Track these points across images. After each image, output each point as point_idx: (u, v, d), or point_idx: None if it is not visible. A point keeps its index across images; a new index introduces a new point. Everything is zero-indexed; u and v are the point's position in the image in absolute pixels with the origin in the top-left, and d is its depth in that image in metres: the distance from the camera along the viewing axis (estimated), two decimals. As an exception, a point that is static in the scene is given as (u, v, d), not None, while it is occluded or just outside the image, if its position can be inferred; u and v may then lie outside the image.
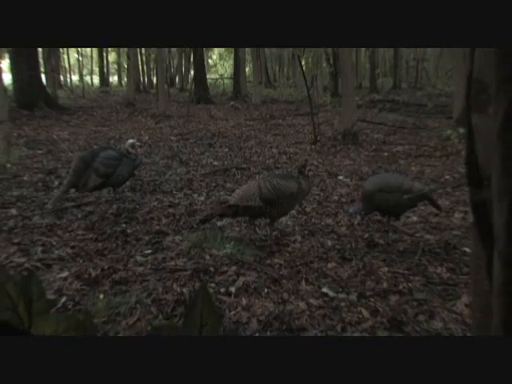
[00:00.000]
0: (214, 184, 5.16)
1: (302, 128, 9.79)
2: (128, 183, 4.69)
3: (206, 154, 6.99)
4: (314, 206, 4.28)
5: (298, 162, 4.54)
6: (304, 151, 7.21)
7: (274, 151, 7.18)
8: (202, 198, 4.58)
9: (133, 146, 4.09)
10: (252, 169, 5.92)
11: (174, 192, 4.84)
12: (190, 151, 7.26)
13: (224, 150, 7.41)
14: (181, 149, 7.47)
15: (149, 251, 3.21)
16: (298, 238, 3.46)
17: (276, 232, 3.51)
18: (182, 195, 4.73)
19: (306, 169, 3.34)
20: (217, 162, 6.39)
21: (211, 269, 2.87)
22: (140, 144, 4.66)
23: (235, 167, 5.93)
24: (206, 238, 3.29)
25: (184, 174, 5.65)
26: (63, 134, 8.74)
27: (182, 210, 4.12)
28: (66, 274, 2.81)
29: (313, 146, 7.54)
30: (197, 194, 4.75)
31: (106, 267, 2.88)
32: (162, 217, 3.96)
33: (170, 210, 4.14)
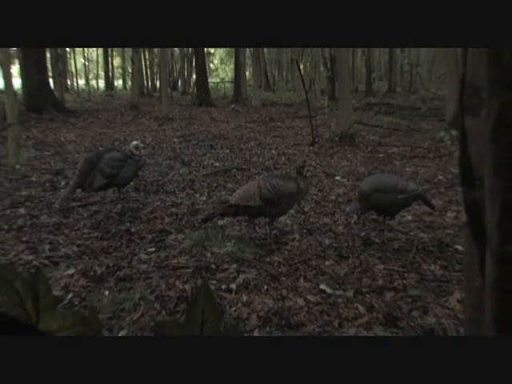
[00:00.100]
0: (215, 184, 5.20)
1: (301, 130, 9.78)
2: (132, 183, 4.74)
3: (207, 156, 7.01)
4: (312, 206, 4.31)
5: (296, 163, 4.52)
6: (302, 152, 7.21)
7: (273, 152, 7.20)
8: (204, 198, 4.62)
9: (137, 148, 4.12)
10: (252, 169, 5.94)
11: (177, 192, 4.88)
12: (192, 152, 7.28)
13: (225, 151, 7.43)
14: (183, 150, 7.50)
15: (152, 249, 3.24)
16: (297, 236, 3.49)
17: (275, 231, 3.54)
18: (185, 195, 4.77)
19: (305, 169, 3.35)
20: (218, 163, 6.41)
21: (212, 266, 2.90)
22: (144, 146, 4.71)
23: (236, 168, 5.96)
24: (207, 236, 3.33)
25: (186, 175, 5.68)
26: (70, 136, 8.81)
27: (185, 210, 4.16)
28: (72, 271, 2.86)
29: (311, 148, 7.54)
30: (198, 194, 4.79)
31: (110, 265, 2.92)
32: (165, 216, 4.00)
33: (172, 210, 4.18)
